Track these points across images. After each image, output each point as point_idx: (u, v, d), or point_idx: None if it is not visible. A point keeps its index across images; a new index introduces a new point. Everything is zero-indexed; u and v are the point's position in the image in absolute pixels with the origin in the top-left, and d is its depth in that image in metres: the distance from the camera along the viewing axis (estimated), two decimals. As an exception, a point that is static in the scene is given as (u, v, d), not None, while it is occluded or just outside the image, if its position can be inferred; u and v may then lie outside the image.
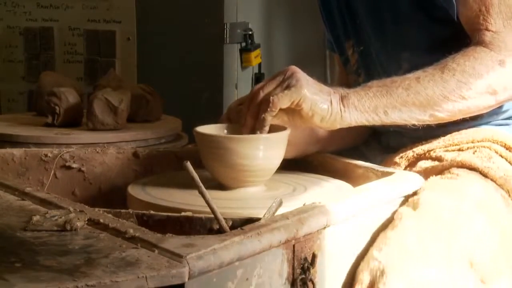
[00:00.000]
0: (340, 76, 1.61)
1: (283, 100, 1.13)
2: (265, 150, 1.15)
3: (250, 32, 3.01)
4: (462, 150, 1.30)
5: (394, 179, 1.17)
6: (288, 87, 1.14)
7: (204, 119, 1.28)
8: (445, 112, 1.19)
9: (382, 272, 0.97)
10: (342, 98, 1.16)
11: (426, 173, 1.25)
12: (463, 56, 1.20)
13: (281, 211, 0.95)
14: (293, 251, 0.90)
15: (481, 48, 1.21)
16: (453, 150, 1.30)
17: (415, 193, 1.15)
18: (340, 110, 1.15)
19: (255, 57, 3.05)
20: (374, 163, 1.29)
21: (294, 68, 1.17)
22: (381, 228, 1.07)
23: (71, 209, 0.92)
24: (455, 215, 1.10)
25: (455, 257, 1.04)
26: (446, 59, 1.20)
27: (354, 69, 1.48)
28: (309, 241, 0.92)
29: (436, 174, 1.25)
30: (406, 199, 1.14)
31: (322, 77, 3.42)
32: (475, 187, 1.19)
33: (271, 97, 1.13)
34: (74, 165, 1.34)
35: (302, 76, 1.15)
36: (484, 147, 1.29)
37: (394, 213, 1.10)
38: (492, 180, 1.22)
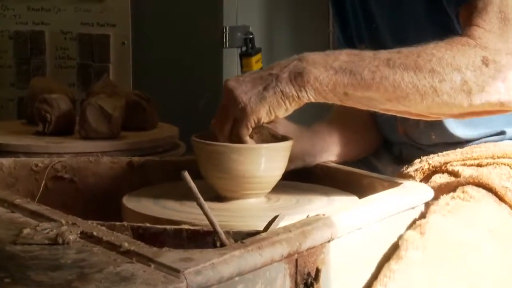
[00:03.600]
0: None
1: (243, 134, 1.13)
2: (267, 161, 1.15)
3: (251, 36, 3.02)
4: (481, 166, 1.28)
5: (402, 190, 1.17)
6: (235, 120, 1.13)
7: (203, 127, 1.29)
8: (411, 105, 1.12)
9: None
10: (294, 76, 1.11)
11: (440, 190, 1.23)
12: (446, 44, 1.13)
13: (283, 223, 0.95)
14: (296, 266, 0.90)
15: (467, 39, 1.14)
16: (472, 165, 1.28)
17: (423, 216, 1.14)
18: (295, 90, 1.11)
19: (256, 62, 3.05)
20: (385, 174, 1.29)
21: (229, 83, 1.14)
22: (384, 258, 1.06)
23: (63, 221, 0.92)
24: (463, 245, 1.08)
25: None
26: (428, 43, 1.13)
27: None
28: (312, 255, 0.92)
29: (449, 192, 1.22)
30: (413, 222, 1.13)
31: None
32: (488, 214, 1.16)
33: (234, 134, 1.13)
34: (66, 176, 1.34)
35: (237, 92, 1.12)
36: (505, 164, 1.26)
37: (402, 225, 1.11)
38: (507, 204, 1.19)
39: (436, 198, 1.20)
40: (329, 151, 1.38)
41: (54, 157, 1.42)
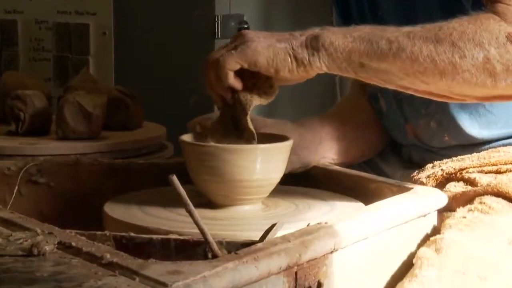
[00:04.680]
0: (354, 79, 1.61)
1: (229, 60, 1.14)
2: (264, 163, 1.15)
3: (246, 26, 3.02)
4: (500, 173, 1.27)
5: (413, 195, 1.17)
6: (234, 48, 1.15)
7: (192, 126, 1.29)
8: (430, 82, 1.14)
9: None
10: (310, 39, 1.14)
11: (456, 200, 1.23)
12: (469, 19, 1.13)
13: (281, 232, 0.95)
14: (296, 279, 0.90)
15: (490, 15, 1.14)
16: (489, 172, 1.28)
17: (437, 231, 1.15)
18: (307, 54, 1.14)
19: (252, 54, 3.06)
20: (393, 178, 1.29)
21: (246, 30, 1.18)
22: (395, 277, 1.07)
23: (39, 230, 0.92)
24: (482, 262, 1.08)
25: None
26: (452, 19, 1.15)
27: None
28: (314, 268, 0.93)
29: (466, 202, 1.22)
30: (426, 235, 1.14)
31: (329, 77, 3.43)
32: (510, 227, 1.16)
33: (218, 60, 1.14)
34: (42, 180, 1.34)
35: (252, 34, 1.16)
36: None
37: (412, 234, 1.11)
38: None
39: (451, 209, 1.20)
40: (323, 145, 1.38)
41: (28, 159, 1.42)
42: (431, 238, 1.11)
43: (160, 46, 2.94)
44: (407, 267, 1.08)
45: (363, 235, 1.02)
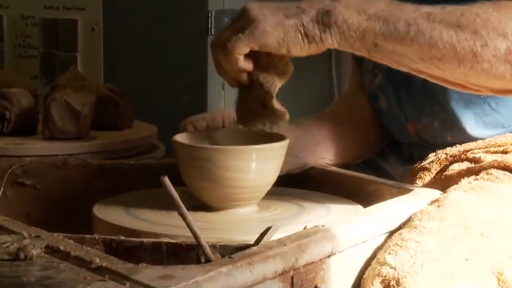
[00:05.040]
0: (352, 74, 1.62)
1: (238, 45, 1.11)
2: (258, 163, 1.15)
3: (240, 22, 3.02)
4: (507, 153, 1.28)
5: (413, 197, 1.17)
6: (241, 29, 1.12)
7: (185, 126, 1.29)
8: (446, 69, 1.12)
9: (398, 283, 0.97)
10: (322, 14, 1.11)
11: (460, 176, 1.24)
12: (493, 5, 1.11)
13: (277, 236, 0.95)
14: (292, 284, 0.90)
15: None
16: (496, 152, 1.29)
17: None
18: (319, 30, 1.11)
19: (246, 52, 3.05)
20: (394, 177, 1.29)
21: (249, 4, 1.14)
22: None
23: (25, 234, 0.92)
24: (486, 221, 1.08)
25: (482, 271, 1.04)
26: (474, 3, 1.13)
27: (370, 68, 1.48)
28: (310, 272, 0.93)
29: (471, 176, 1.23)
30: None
31: (327, 75, 3.43)
32: None
33: (225, 43, 1.12)
34: (28, 182, 1.34)
35: (257, 11, 1.12)
36: None
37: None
38: None
39: (456, 183, 1.21)
40: (320, 145, 1.38)
41: (14, 160, 1.42)
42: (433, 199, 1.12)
43: (151, 43, 2.94)
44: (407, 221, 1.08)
45: (361, 238, 1.02)
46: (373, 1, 1.13)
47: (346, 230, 0.99)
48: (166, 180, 0.91)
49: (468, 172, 1.25)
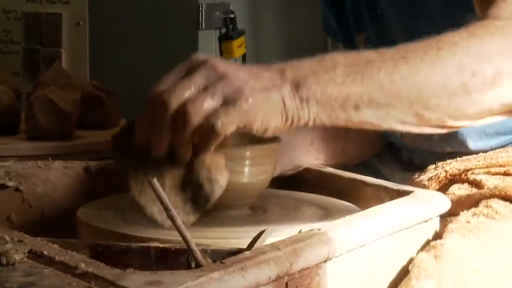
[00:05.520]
0: None
1: (229, 125, 0.95)
2: (251, 165, 1.15)
3: (232, 15, 3.02)
4: (509, 175, 1.28)
5: (413, 200, 1.17)
6: (227, 102, 0.95)
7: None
8: (437, 111, 1.04)
9: None
10: (296, 86, 0.98)
11: (460, 204, 1.24)
12: (468, 30, 1.06)
13: (270, 240, 0.95)
14: (286, 290, 0.91)
15: (491, 21, 1.08)
16: (497, 174, 1.28)
17: (439, 237, 1.15)
18: (297, 108, 0.98)
19: (238, 47, 3.06)
20: (392, 181, 1.29)
21: (212, 61, 0.98)
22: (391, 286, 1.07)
23: (7, 238, 0.92)
24: (486, 275, 1.07)
25: None
26: (445, 33, 1.05)
27: None
28: (306, 278, 0.93)
29: (471, 206, 1.22)
30: (427, 241, 1.14)
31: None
32: None
33: (211, 123, 0.94)
34: (10, 183, 1.34)
35: (239, 75, 0.97)
36: None
37: (413, 241, 1.12)
38: None
39: (455, 214, 1.20)
40: (315, 145, 1.38)
41: (-5, 161, 1.42)
42: (431, 243, 1.11)
43: (139, 38, 2.94)
44: (404, 274, 1.08)
45: (359, 242, 1.02)
46: (327, 59, 1.02)
47: (343, 233, 0.99)
48: (155, 181, 0.91)
49: (468, 201, 1.24)
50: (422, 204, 1.16)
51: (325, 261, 0.95)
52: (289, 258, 0.90)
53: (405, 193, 1.21)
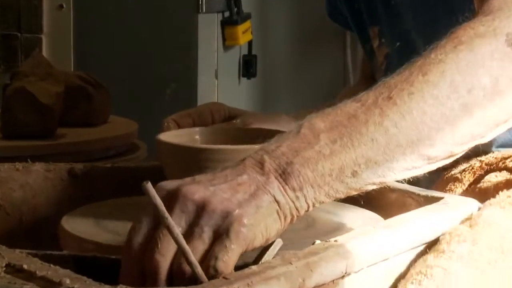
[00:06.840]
0: (364, 66, 1.63)
1: (233, 259, 0.92)
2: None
3: (234, -2, 3.04)
4: None
5: (442, 207, 1.18)
6: (219, 234, 0.93)
7: (171, 121, 1.30)
8: (443, 145, 1.04)
9: None
10: (283, 178, 0.97)
11: (497, 190, 1.24)
12: (452, 40, 1.06)
13: (280, 252, 0.96)
14: (299, 310, 0.91)
15: (479, 18, 1.09)
16: None
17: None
18: (292, 201, 0.98)
19: (244, 33, 3.06)
20: (418, 184, 1.29)
21: (181, 189, 0.96)
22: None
23: (-18, 250, 0.93)
24: None
25: None
26: (425, 53, 1.06)
27: (382, 69, 1.50)
28: (321, 296, 0.93)
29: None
30: None
31: (340, 61, 3.43)
32: None
33: (212, 267, 0.91)
34: (-15, 188, 1.35)
35: (212, 195, 0.95)
36: None
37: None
38: None
39: (492, 197, 1.22)
40: None
41: (-33, 163, 1.42)
42: (466, 216, 1.12)
43: (130, 23, 2.95)
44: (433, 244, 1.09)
45: (382, 255, 1.02)
46: (309, 143, 1.00)
47: (363, 245, 1.00)
48: (149, 186, 0.91)
49: (508, 185, 1.25)
50: (453, 212, 1.16)
51: (343, 276, 0.96)
52: (302, 274, 0.90)
53: (434, 199, 1.21)
